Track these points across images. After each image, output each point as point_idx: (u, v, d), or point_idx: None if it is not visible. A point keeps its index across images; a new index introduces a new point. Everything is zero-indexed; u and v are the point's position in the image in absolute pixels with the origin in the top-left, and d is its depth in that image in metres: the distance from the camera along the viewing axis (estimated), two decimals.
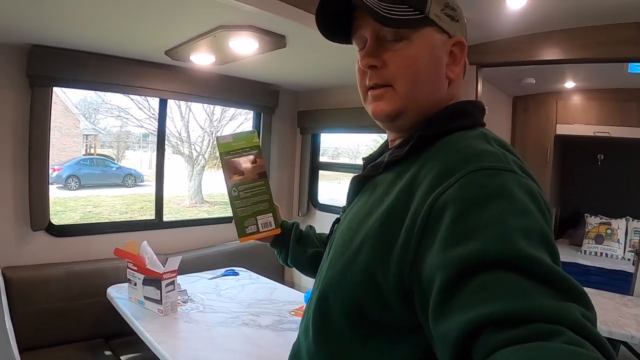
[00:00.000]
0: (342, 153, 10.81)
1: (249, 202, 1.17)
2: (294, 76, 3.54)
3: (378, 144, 0.98)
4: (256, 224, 1.18)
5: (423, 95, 0.81)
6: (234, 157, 1.17)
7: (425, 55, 0.79)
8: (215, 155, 11.42)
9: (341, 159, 10.32)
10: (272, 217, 1.19)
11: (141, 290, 2.25)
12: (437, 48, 0.80)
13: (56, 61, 2.60)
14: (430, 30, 0.80)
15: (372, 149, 1.03)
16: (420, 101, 0.81)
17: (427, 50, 0.80)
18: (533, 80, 4.09)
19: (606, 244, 4.48)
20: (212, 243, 3.60)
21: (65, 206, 8.78)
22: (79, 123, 10.22)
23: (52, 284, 2.62)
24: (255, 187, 1.18)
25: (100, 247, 2.91)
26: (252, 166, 1.18)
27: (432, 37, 0.80)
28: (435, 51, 0.80)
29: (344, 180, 9.97)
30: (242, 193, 1.17)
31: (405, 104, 0.81)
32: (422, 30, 0.79)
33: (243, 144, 1.18)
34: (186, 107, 9.74)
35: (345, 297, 0.75)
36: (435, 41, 0.80)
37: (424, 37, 0.79)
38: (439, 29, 0.80)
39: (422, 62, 0.79)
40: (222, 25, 2.14)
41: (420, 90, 0.81)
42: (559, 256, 0.60)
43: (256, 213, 1.17)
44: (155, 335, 1.95)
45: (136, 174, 10.91)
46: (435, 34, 0.80)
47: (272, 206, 1.19)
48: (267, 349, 1.89)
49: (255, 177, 1.18)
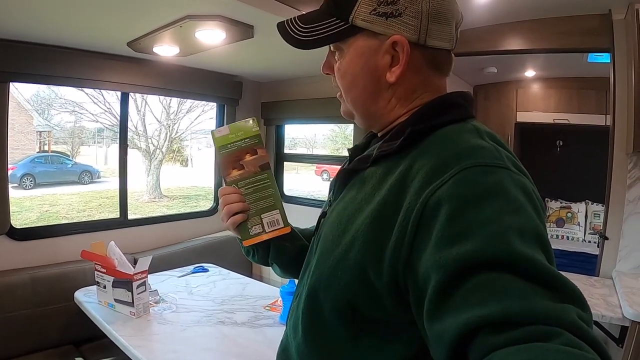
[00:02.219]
0: (299, 143, 10.80)
1: (252, 199, 1.04)
2: (259, 67, 3.50)
3: (335, 133, 0.98)
4: (261, 223, 1.04)
5: (360, 102, 0.83)
6: (232, 151, 1.04)
7: (354, 65, 0.80)
8: (171, 149, 11.28)
9: (298, 149, 10.31)
10: (278, 214, 1.05)
11: (111, 293, 2.17)
12: (367, 55, 0.78)
13: (13, 55, 2.48)
14: (360, 38, 0.78)
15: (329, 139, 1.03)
16: (359, 107, 0.84)
17: (356, 60, 0.79)
18: (495, 69, 4.16)
19: (567, 227, 4.62)
20: (179, 239, 3.55)
21: (21, 206, 8.51)
22: (32, 120, 9.86)
23: (17, 291, 2.51)
24: (258, 181, 1.05)
25: (65, 249, 2.82)
26: (252, 158, 1.05)
27: (362, 45, 0.78)
28: (366, 59, 0.78)
29: (302, 170, 10.02)
30: (243, 189, 1.04)
31: (351, 109, 0.86)
32: (351, 40, 0.78)
33: (241, 135, 1.05)
34: (142, 100, 9.57)
35: (337, 295, 0.74)
36: (364, 49, 0.78)
37: (353, 47, 0.79)
38: (371, 34, 0.77)
39: (351, 73, 0.81)
40: (189, 15, 2.08)
41: (355, 98, 0.83)
42: (554, 255, 0.60)
43: (260, 211, 1.04)
44: (130, 339, 1.88)
45: (92, 170, 10.63)
46: (366, 40, 0.77)
47: (278, 202, 1.06)
48: (246, 346, 1.86)
49: (257, 170, 1.05)
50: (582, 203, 4.64)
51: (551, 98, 4.55)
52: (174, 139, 10.83)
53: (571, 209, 4.65)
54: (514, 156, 0.71)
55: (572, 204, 4.68)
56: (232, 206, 1.01)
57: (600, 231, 3.08)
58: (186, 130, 10.85)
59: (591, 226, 4.50)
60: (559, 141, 5.10)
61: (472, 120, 0.78)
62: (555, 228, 4.66)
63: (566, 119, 4.44)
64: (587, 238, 4.46)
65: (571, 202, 4.72)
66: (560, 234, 4.61)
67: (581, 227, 4.55)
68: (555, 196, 4.84)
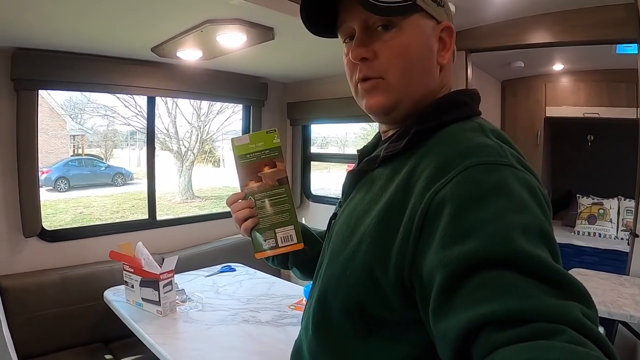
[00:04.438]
0: (330, 142, 10.79)
1: (267, 213, 1.02)
2: (283, 68, 3.51)
3: (366, 132, 0.96)
4: (275, 237, 1.02)
5: (416, 85, 0.79)
6: (250, 161, 1.03)
7: (416, 43, 0.77)
8: (203, 150, 11.39)
9: (330, 148, 10.31)
10: (293, 230, 1.03)
11: (139, 292, 2.22)
12: (427, 35, 0.78)
13: (41, 64, 2.56)
14: (419, 17, 0.77)
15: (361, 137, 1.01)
16: (413, 92, 0.79)
17: (419, 38, 0.78)
18: (522, 63, 4.09)
19: (599, 224, 4.50)
20: (207, 240, 3.59)
21: (56, 208, 8.72)
22: (65, 124, 10.10)
23: (48, 290, 2.60)
24: (275, 195, 1.03)
25: (94, 250, 2.89)
26: (271, 171, 1.03)
27: (422, 24, 0.78)
28: (426, 38, 0.78)
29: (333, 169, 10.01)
30: (259, 202, 1.02)
31: (398, 96, 0.79)
32: (412, 17, 0.77)
33: (262, 146, 1.03)
34: (173, 102, 9.71)
35: (345, 295, 0.74)
36: (425, 28, 0.78)
37: (413, 24, 0.77)
38: (427, 15, 0.78)
39: (413, 50, 0.77)
40: (209, 20, 2.11)
41: (412, 80, 0.79)
42: (559, 252, 0.60)
43: (275, 225, 1.02)
44: (156, 337, 1.93)
45: (125, 172, 10.83)
46: (424, 20, 0.78)
47: (293, 217, 1.03)
48: (269, 345, 1.89)
49: (275, 184, 1.03)
50: (615, 199, 4.52)
51: (580, 91, 4.45)
52: (205, 140, 10.94)
53: (603, 206, 4.53)
54: (519, 153, 0.70)
55: (604, 200, 4.56)
56: (240, 214, 1.02)
57: (630, 228, 3.00)
58: (217, 132, 10.93)
59: (624, 223, 4.37)
60: (590, 136, 4.98)
61: (477, 118, 0.78)
62: (587, 225, 4.55)
63: (596, 113, 4.33)
64: (620, 235, 4.34)
65: (603, 198, 4.59)
66: (592, 231, 4.49)
67: (613, 224, 4.42)
68: (587, 192, 4.72)
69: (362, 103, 0.84)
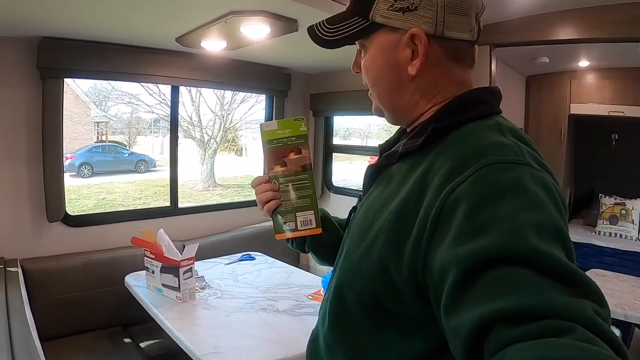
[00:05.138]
0: (353, 133, 10.77)
1: (289, 197, 1.07)
2: (306, 59, 3.51)
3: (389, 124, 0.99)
4: (295, 220, 1.07)
5: (386, 97, 0.85)
6: (277, 146, 1.07)
7: (376, 60, 0.82)
8: (226, 138, 11.44)
9: (353, 139, 10.29)
10: (313, 214, 1.08)
11: (159, 278, 2.27)
12: (389, 50, 0.80)
13: (66, 52, 2.59)
14: (381, 34, 0.80)
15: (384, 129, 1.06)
16: (386, 102, 0.86)
17: (378, 55, 0.82)
18: (547, 59, 4.02)
19: (620, 224, 4.43)
20: (228, 228, 3.62)
21: (79, 194, 8.86)
22: (89, 111, 10.25)
23: (70, 274, 2.65)
24: (298, 180, 1.07)
25: (116, 236, 2.94)
26: (296, 157, 1.07)
27: (383, 40, 0.80)
28: (387, 54, 0.80)
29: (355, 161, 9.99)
30: (283, 186, 1.07)
31: (379, 105, 0.89)
32: (373, 36, 0.81)
33: (289, 133, 1.07)
34: (197, 91, 9.78)
35: (361, 289, 0.76)
36: (385, 44, 0.80)
37: (375, 43, 0.81)
38: (391, 29, 0.78)
39: (374, 68, 0.83)
40: (233, 11, 2.12)
41: (381, 93, 0.85)
42: (574, 252, 0.60)
43: (296, 209, 1.07)
44: (174, 322, 1.97)
45: (148, 159, 10.97)
46: (386, 35, 0.79)
47: (314, 203, 1.08)
48: (286, 333, 1.91)
49: (299, 170, 1.07)
50: (637, 200, 4.43)
51: (606, 89, 4.36)
52: (228, 129, 10.99)
53: (625, 206, 4.45)
54: (537, 152, 0.71)
55: (627, 201, 4.47)
56: (263, 196, 1.06)
57: None
58: (240, 120, 11.00)
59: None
60: (614, 134, 4.89)
61: (496, 116, 0.78)
62: (608, 225, 4.48)
63: (621, 112, 4.25)
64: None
65: (626, 198, 4.51)
66: (614, 232, 4.42)
67: (635, 225, 4.34)
68: (610, 192, 4.63)
69: None
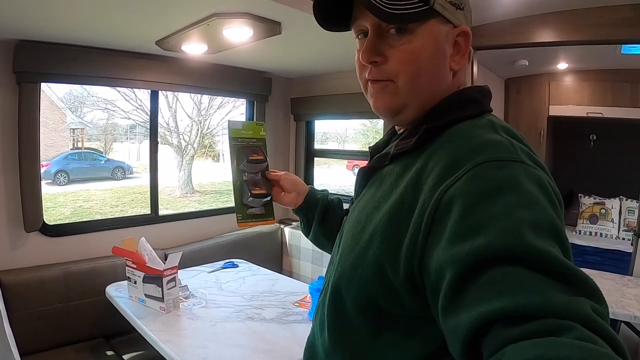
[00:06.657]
0: (330, 138, 10.85)
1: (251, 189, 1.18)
2: (288, 63, 3.49)
3: (366, 128, 0.96)
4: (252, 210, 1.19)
5: (425, 90, 0.79)
6: (240, 144, 1.18)
7: (428, 49, 0.77)
8: (203, 144, 11.43)
9: (330, 144, 10.36)
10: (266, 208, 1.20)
11: (142, 288, 2.21)
12: (441, 40, 0.77)
13: (44, 56, 2.51)
14: (435, 22, 0.76)
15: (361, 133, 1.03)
16: (422, 96, 0.79)
17: (431, 44, 0.77)
18: (526, 62, 4.08)
19: (600, 223, 4.51)
20: (210, 235, 3.56)
21: (55, 202, 8.74)
22: (65, 117, 10.12)
23: (49, 286, 2.57)
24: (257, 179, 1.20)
25: (96, 245, 2.86)
26: (254, 158, 1.20)
27: (437, 30, 0.77)
28: (439, 44, 0.77)
29: (332, 165, 10.04)
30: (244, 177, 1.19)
31: (406, 100, 0.80)
32: (427, 22, 0.76)
33: (250, 134, 1.19)
34: (173, 96, 9.74)
35: (358, 292, 0.75)
36: (439, 33, 0.77)
37: (428, 30, 0.76)
38: (444, 20, 0.77)
39: (425, 57, 0.77)
40: (216, 13, 2.08)
41: (422, 85, 0.78)
42: (570, 248, 0.60)
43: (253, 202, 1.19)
44: (159, 334, 1.91)
45: (125, 166, 10.89)
46: (440, 25, 0.77)
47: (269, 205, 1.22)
48: (275, 342, 1.87)
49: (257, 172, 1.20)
50: (616, 199, 4.52)
51: (584, 91, 4.44)
52: (205, 135, 10.99)
53: (605, 205, 4.53)
54: (531, 149, 0.71)
55: (606, 200, 4.56)
56: None
57: (634, 228, 3.01)
58: (217, 126, 10.99)
59: (625, 223, 4.38)
60: (593, 135, 5.00)
61: (488, 114, 0.79)
62: (588, 225, 4.56)
63: (600, 113, 4.33)
64: (621, 235, 4.35)
65: (605, 198, 4.60)
66: (594, 231, 4.50)
67: (615, 224, 4.43)
68: (589, 192, 4.73)
69: (370, 101, 0.85)
